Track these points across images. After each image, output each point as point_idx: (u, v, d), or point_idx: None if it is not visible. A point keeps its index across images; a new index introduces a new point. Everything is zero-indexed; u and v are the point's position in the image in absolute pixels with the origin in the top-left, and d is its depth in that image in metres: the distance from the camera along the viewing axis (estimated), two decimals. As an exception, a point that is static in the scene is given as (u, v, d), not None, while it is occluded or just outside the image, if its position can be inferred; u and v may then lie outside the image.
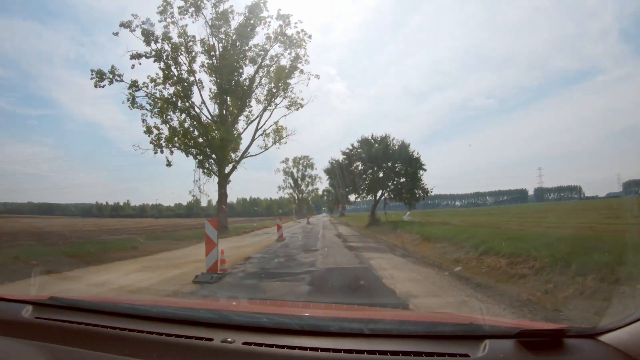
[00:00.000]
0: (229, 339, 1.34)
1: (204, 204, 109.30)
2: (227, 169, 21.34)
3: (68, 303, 1.75)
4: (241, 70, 20.47)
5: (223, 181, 21.11)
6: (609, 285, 4.25)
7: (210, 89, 20.61)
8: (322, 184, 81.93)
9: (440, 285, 5.65)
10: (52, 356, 1.35)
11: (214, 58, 19.92)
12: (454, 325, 1.51)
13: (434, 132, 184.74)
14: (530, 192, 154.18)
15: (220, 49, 19.97)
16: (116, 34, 18.47)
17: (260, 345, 1.31)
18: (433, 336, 1.36)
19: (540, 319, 3.87)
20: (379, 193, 27.76)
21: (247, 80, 20.97)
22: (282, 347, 1.30)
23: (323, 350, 1.27)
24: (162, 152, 19.52)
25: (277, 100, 21.87)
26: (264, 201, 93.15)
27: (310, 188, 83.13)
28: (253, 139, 22.61)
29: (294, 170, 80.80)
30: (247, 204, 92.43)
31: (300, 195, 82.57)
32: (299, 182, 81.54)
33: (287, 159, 78.25)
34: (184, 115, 19.84)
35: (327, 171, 77.31)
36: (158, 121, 19.41)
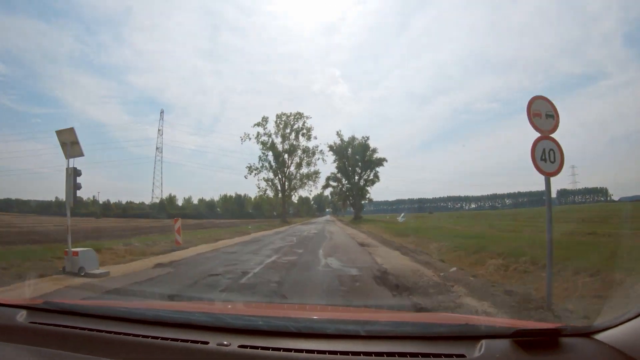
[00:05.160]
0: (224, 342, 1.37)
1: (179, 201, 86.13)
2: None
3: (62, 307, 1.80)
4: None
5: None
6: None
7: None
8: (326, 164, 55.96)
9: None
10: None
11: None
12: (450, 326, 1.57)
13: (439, 135, 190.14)
14: (554, 195, 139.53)
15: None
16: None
17: (257, 348, 1.34)
18: (429, 337, 1.40)
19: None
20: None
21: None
22: (279, 349, 1.33)
23: (319, 352, 1.31)
24: None
25: None
26: (253, 200, 75.40)
27: (305, 170, 52.10)
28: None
29: (277, 139, 50.62)
30: (231, 202, 77.22)
31: (287, 183, 51.58)
32: (285, 158, 51.12)
33: (264, 119, 50.62)
34: None
35: (335, 149, 57.02)
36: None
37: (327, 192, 61.47)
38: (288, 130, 50.82)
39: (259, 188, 50.43)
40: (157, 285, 6.44)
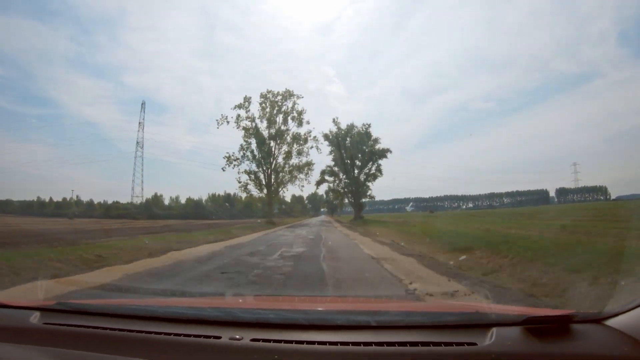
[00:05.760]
0: (237, 336, 1.39)
1: (166, 200, 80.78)
2: None
3: (75, 308, 1.83)
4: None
5: None
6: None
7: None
8: (321, 156, 47.85)
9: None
10: None
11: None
12: (460, 315, 1.59)
13: (436, 133, 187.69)
14: (552, 193, 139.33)
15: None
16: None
17: (269, 341, 1.36)
18: (440, 326, 1.41)
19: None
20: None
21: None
22: (290, 342, 1.35)
23: (331, 343, 1.32)
24: None
25: None
26: (244, 199, 70.96)
27: (295, 161, 43.09)
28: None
29: (261, 124, 41.71)
30: (220, 201, 74.16)
31: (274, 177, 42.41)
32: (272, 146, 41.91)
33: (247, 99, 41.33)
34: None
35: (331, 139, 46.38)
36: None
37: (322, 191, 55.71)
38: (275, 112, 41.58)
39: (239, 182, 41.00)
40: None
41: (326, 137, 45.58)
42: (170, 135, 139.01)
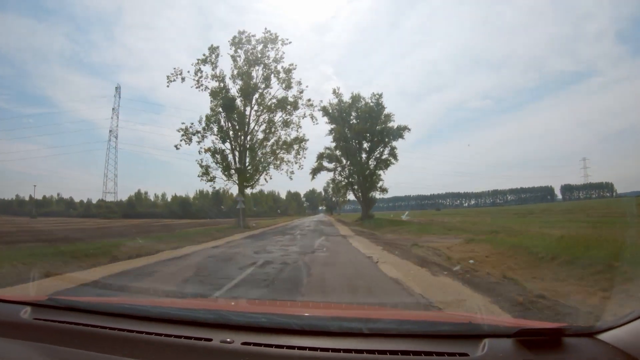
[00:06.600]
0: (228, 339, 1.40)
1: (151, 197, 74.43)
2: None
3: (66, 304, 1.83)
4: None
5: None
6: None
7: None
8: (319, 138, 42.37)
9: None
10: (51, 357, 1.41)
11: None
12: (453, 325, 1.59)
13: (433, 132, 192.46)
14: (557, 190, 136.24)
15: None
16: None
17: (260, 345, 1.37)
18: (432, 335, 1.42)
19: None
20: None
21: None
22: (282, 347, 1.36)
23: (322, 350, 1.33)
24: None
25: None
26: (235, 196, 65.84)
27: (281, 133, 29.97)
28: None
29: (234, 84, 28.67)
30: (208, 199, 69.70)
31: (249, 158, 29.08)
32: (245, 112, 28.57)
33: (213, 50, 27.90)
34: None
35: (331, 114, 35.41)
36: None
37: (321, 187, 49.57)
38: (251, 64, 28.25)
39: (201, 166, 27.71)
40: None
41: (325, 110, 34.32)
42: (165, 133, 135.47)
